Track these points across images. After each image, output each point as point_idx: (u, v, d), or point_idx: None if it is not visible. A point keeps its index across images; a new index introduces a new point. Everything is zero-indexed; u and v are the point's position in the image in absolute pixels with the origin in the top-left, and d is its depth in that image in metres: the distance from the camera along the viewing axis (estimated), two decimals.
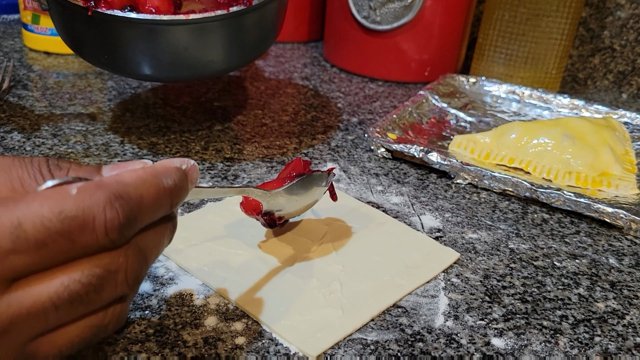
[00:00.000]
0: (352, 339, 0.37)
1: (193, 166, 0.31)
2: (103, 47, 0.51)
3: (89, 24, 0.49)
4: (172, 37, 0.49)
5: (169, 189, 0.28)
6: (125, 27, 0.48)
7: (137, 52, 0.50)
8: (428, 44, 0.82)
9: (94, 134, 0.60)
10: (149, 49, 0.50)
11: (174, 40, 0.49)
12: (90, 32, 0.50)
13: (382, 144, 0.60)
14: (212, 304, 0.39)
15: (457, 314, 0.40)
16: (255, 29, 0.54)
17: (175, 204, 0.29)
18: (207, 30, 0.50)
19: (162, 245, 0.29)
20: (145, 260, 0.28)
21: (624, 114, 0.73)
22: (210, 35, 0.51)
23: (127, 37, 0.49)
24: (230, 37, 0.52)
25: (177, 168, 0.29)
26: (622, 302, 0.43)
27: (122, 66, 0.52)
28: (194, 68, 0.52)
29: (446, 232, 0.49)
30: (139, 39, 0.49)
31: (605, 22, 0.88)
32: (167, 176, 0.28)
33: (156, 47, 0.50)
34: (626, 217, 0.50)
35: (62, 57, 0.81)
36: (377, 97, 0.78)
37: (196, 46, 0.51)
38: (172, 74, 0.53)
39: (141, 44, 0.49)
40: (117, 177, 0.26)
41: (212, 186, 0.36)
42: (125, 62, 0.52)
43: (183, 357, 0.34)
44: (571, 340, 0.38)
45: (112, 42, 0.50)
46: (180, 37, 0.49)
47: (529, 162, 0.59)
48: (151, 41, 0.49)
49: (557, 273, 0.45)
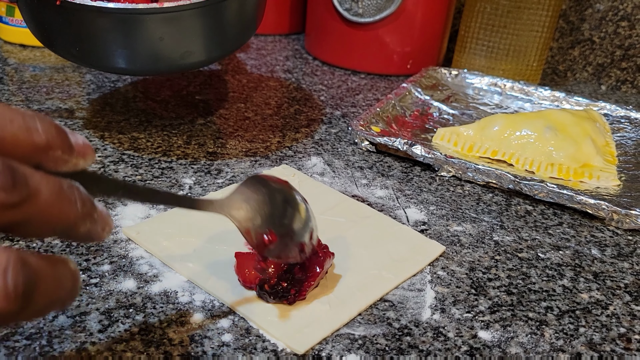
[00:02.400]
0: (340, 334, 0.37)
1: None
2: (74, 39, 0.49)
3: (58, 14, 0.46)
4: (146, 27, 0.47)
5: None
6: (96, 16, 0.46)
7: (110, 43, 0.48)
8: (410, 36, 0.82)
9: (72, 128, 0.59)
10: (122, 40, 0.48)
11: (149, 30, 0.47)
12: (59, 23, 0.48)
13: (365, 137, 0.60)
14: (198, 300, 0.38)
15: (444, 307, 0.40)
16: (235, 18, 0.52)
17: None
18: (183, 20, 0.48)
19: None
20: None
21: (604, 106, 0.73)
22: (186, 25, 0.49)
23: (98, 28, 0.47)
24: (208, 27, 0.50)
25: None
26: (605, 293, 0.43)
27: (95, 59, 0.50)
28: (171, 60, 0.50)
29: (431, 225, 0.49)
30: (111, 30, 0.47)
31: (585, 15, 0.88)
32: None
33: (130, 38, 0.47)
34: (608, 208, 0.51)
35: (39, 50, 0.80)
36: (359, 90, 0.78)
37: (172, 37, 0.48)
38: (148, 66, 0.51)
39: (113, 34, 0.47)
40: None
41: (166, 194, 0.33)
42: (97, 54, 0.49)
43: (169, 355, 0.34)
44: (556, 332, 0.39)
45: (83, 34, 0.48)
46: (155, 27, 0.47)
47: (512, 155, 0.59)
48: (124, 32, 0.47)
49: (541, 265, 0.46)
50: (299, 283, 0.38)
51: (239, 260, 0.39)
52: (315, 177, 0.55)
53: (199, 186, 0.51)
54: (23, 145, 0.24)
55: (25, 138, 0.24)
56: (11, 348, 0.33)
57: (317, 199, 0.50)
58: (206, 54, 0.52)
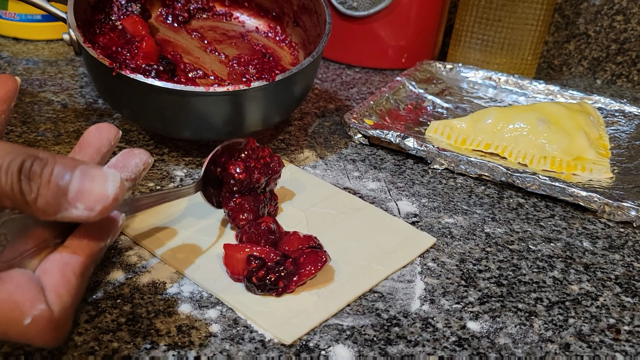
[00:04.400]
0: (328, 324, 0.36)
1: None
2: (125, 102, 0.52)
3: (114, 80, 0.49)
4: (192, 105, 0.49)
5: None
6: (147, 90, 0.48)
7: (157, 113, 0.50)
8: (405, 30, 0.82)
9: (64, 121, 0.59)
10: (169, 112, 0.50)
11: (194, 107, 0.49)
12: (114, 86, 0.50)
13: (359, 130, 0.60)
14: (186, 291, 0.38)
15: (433, 298, 0.40)
16: (277, 99, 0.53)
17: None
18: (229, 101, 0.50)
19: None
20: None
21: (598, 100, 0.73)
22: (231, 106, 0.50)
23: (148, 99, 0.49)
24: (252, 107, 0.51)
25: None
26: (595, 284, 0.43)
27: (143, 121, 0.53)
28: (214, 131, 0.51)
29: (422, 217, 0.49)
30: (159, 102, 0.49)
31: (580, 9, 0.88)
32: None
33: (176, 111, 0.49)
34: (600, 200, 0.51)
35: (32, 44, 0.79)
36: (354, 83, 0.78)
37: (216, 114, 0.50)
38: (193, 134, 0.52)
39: (161, 106, 0.49)
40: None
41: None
42: (145, 118, 0.52)
43: (156, 345, 0.34)
44: (546, 323, 0.39)
45: (134, 100, 0.50)
46: (201, 105, 0.49)
47: (505, 147, 0.59)
48: (171, 105, 0.49)
49: (532, 256, 0.45)
50: (288, 276, 0.38)
51: (227, 252, 0.39)
52: (307, 169, 0.55)
53: (190, 178, 0.51)
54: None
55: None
56: None
57: (309, 191, 0.50)
58: (247, 128, 0.53)
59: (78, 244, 0.30)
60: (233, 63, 0.59)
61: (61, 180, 0.27)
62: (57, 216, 0.27)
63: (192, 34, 0.62)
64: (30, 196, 0.26)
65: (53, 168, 0.27)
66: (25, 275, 0.28)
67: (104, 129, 0.35)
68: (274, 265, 0.38)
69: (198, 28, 0.63)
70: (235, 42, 0.62)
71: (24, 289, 0.27)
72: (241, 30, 0.64)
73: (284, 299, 0.38)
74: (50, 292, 0.28)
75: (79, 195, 0.27)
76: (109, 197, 0.27)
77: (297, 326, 0.36)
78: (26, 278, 0.28)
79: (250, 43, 0.63)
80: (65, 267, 0.28)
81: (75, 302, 0.29)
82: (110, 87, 0.51)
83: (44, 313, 0.27)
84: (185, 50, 0.59)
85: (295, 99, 0.55)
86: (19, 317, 0.26)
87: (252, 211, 0.43)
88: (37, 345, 0.28)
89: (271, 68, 0.59)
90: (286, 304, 0.37)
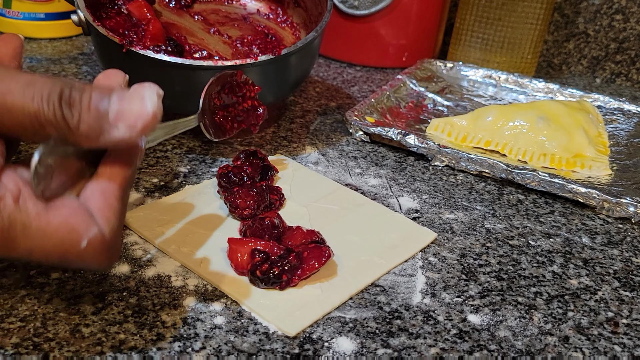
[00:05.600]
0: (331, 317, 0.37)
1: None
2: (135, 79, 0.51)
3: (123, 57, 0.50)
4: (200, 79, 0.49)
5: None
6: (157, 65, 0.49)
7: (166, 89, 0.50)
8: (406, 29, 0.82)
9: None
10: (178, 87, 0.51)
11: (203, 81, 0.49)
12: (123, 63, 0.51)
13: (360, 127, 0.60)
14: (191, 285, 0.39)
15: (435, 291, 0.40)
16: (284, 73, 0.55)
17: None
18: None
19: None
20: None
21: (598, 98, 0.74)
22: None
23: (158, 75, 0.50)
24: (259, 82, 0.52)
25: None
26: (594, 279, 0.44)
27: None
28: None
29: (424, 213, 0.50)
30: (169, 78, 0.50)
31: (580, 8, 0.89)
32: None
33: (185, 86, 0.51)
34: (599, 197, 0.51)
35: (35, 42, 0.80)
36: (355, 82, 0.79)
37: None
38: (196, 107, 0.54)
39: (171, 82, 0.51)
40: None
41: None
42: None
43: (162, 337, 0.34)
44: (545, 316, 0.39)
45: (144, 77, 0.51)
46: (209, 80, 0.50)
47: (505, 145, 0.60)
48: (181, 81, 0.50)
49: (531, 251, 0.46)
50: (291, 270, 0.38)
51: (231, 246, 0.40)
52: (309, 166, 0.55)
53: (194, 175, 0.52)
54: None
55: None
56: (6, 330, 0.33)
57: (311, 187, 0.51)
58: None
59: (111, 170, 0.30)
60: (236, 43, 0.60)
61: (100, 104, 0.28)
62: (99, 140, 0.28)
63: (195, 17, 0.62)
64: (72, 121, 0.27)
65: (91, 94, 0.28)
66: (75, 202, 0.29)
67: (111, 74, 0.35)
68: (278, 259, 0.38)
69: (200, 11, 0.64)
70: (237, 24, 0.63)
71: (77, 214, 0.28)
72: (243, 13, 0.66)
73: (288, 292, 0.38)
74: (98, 216, 0.29)
75: (120, 116, 0.28)
76: (148, 113, 0.28)
77: (300, 318, 0.36)
78: (77, 204, 0.29)
79: (253, 24, 0.64)
80: (105, 192, 0.30)
81: (121, 225, 0.30)
82: (119, 65, 0.51)
83: (98, 235, 0.28)
84: (189, 32, 0.60)
85: (301, 74, 0.57)
86: (77, 240, 0.28)
87: (254, 198, 0.44)
88: (93, 268, 0.29)
89: (274, 48, 0.60)
90: (289, 297, 0.38)
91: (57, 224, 0.28)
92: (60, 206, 0.28)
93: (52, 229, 0.27)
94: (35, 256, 0.28)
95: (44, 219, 0.27)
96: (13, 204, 0.27)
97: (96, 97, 0.28)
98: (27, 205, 0.27)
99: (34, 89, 0.27)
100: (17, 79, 0.27)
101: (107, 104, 0.28)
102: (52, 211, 0.28)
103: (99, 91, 0.28)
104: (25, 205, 0.27)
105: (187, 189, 0.49)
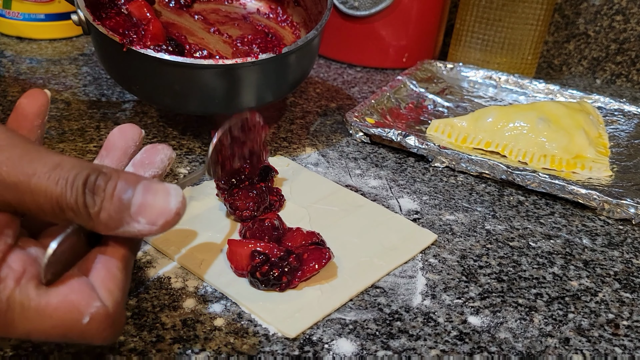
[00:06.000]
0: (331, 319, 0.37)
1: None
2: (135, 78, 0.53)
3: (123, 57, 0.50)
4: (200, 78, 0.50)
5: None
6: (158, 64, 0.49)
7: (166, 87, 0.51)
8: (406, 29, 0.82)
9: (68, 119, 0.59)
10: (178, 86, 0.51)
11: (203, 80, 0.50)
12: (123, 63, 0.51)
13: (360, 129, 0.60)
14: (191, 286, 0.39)
15: (435, 293, 0.40)
16: (284, 72, 0.55)
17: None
18: (236, 74, 0.51)
19: None
20: None
21: (598, 99, 0.74)
22: (239, 79, 0.51)
23: (158, 74, 0.51)
24: (259, 81, 0.53)
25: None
26: (595, 280, 0.43)
27: (152, 97, 0.55)
28: (221, 105, 0.53)
29: (424, 214, 0.49)
30: (169, 77, 0.50)
31: (580, 9, 0.89)
32: None
33: (185, 85, 0.51)
34: (599, 198, 0.51)
35: (35, 43, 0.80)
36: (355, 82, 0.78)
37: (224, 87, 0.51)
38: (199, 109, 0.54)
39: (170, 81, 0.51)
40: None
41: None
42: (155, 94, 0.53)
43: (161, 339, 0.34)
44: (545, 317, 0.39)
45: (144, 76, 0.52)
46: (209, 78, 0.50)
47: (505, 146, 0.60)
48: (181, 80, 0.50)
49: (532, 253, 0.46)
50: (291, 272, 0.38)
51: (231, 248, 0.40)
52: (309, 167, 0.55)
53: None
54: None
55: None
56: None
57: (311, 188, 0.51)
58: (255, 101, 0.54)
59: (115, 239, 0.30)
60: (237, 43, 0.60)
61: (124, 194, 0.27)
62: (118, 230, 0.28)
63: (195, 17, 0.63)
64: (93, 209, 0.27)
65: (117, 182, 0.27)
66: (75, 276, 0.28)
67: (127, 130, 0.35)
68: (278, 260, 0.38)
69: (200, 11, 0.64)
70: (237, 23, 0.63)
71: (77, 290, 0.27)
72: (243, 12, 0.66)
73: (287, 294, 0.38)
74: (100, 289, 0.28)
75: (142, 209, 0.27)
76: (171, 211, 0.28)
77: (300, 320, 0.36)
78: (77, 278, 0.28)
79: (253, 24, 0.64)
80: (108, 263, 0.29)
81: (125, 296, 0.29)
82: (119, 64, 0.52)
83: (100, 310, 0.27)
84: (190, 32, 0.60)
85: (301, 73, 0.57)
86: (78, 317, 0.27)
87: (253, 200, 0.44)
88: (97, 343, 0.28)
89: (274, 47, 0.60)
90: (289, 298, 0.38)
91: (57, 303, 0.27)
92: (60, 284, 0.27)
93: (52, 308, 0.26)
94: (34, 337, 0.27)
95: (43, 300, 0.26)
96: (14, 286, 0.26)
97: (121, 187, 0.27)
98: (29, 286, 0.26)
99: (60, 173, 0.26)
100: (45, 160, 0.27)
101: (132, 195, 0.27)
102: (52, 290, 0.27)
103: (126, 180, 0.27)
104: (26, 286, 0.26)
105: (187, 190, 0.49)
